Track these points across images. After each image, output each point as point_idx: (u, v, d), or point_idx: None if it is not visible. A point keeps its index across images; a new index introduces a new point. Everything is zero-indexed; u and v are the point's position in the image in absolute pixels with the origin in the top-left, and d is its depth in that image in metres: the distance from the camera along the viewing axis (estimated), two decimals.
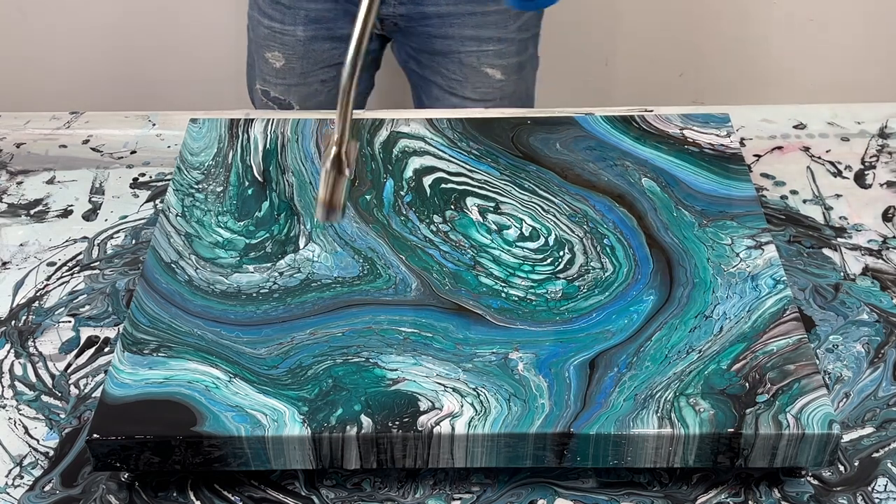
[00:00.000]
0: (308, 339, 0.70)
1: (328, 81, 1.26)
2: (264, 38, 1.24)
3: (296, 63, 1.24)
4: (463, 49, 1.21)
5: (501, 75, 1.23)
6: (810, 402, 0.65)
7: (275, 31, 1.22)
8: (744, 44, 1.78)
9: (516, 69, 1.25)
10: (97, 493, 0.69)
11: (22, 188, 0.94)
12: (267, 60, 1.25)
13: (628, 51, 1.80)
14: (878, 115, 1.01)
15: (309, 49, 1.23)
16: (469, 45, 1.20)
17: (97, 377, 0.77)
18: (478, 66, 1.22)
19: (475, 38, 1.20)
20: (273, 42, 1.23)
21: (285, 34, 1.22)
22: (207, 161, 0.86)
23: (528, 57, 1.26)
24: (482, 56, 1.21)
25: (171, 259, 0.77)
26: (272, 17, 1.21)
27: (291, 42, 1.22)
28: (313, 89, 1.26)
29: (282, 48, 1.23)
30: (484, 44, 1.21)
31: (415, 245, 0.78)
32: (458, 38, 1.20)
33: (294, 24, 1.21)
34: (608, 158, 0.86)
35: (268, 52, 1.24)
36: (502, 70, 1.23)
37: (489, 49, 1.21)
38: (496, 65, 1.22)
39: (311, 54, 1.23)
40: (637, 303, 0.73)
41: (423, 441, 0.65)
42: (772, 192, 0.92)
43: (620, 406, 0.65)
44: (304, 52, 1.23)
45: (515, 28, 1.22)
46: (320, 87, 1.26)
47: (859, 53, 1.79)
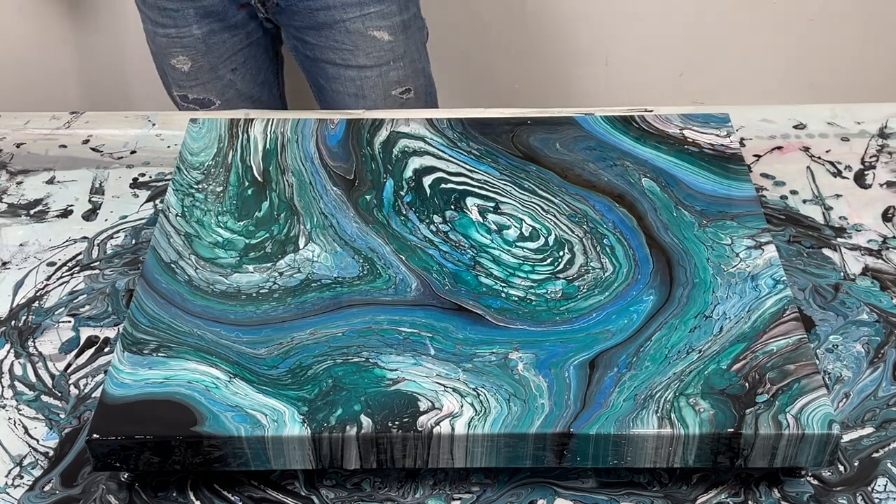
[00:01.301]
0: (308, 339, 0.70)
1: (238, 70, 1.29)
2: (165, 47, 1.26)
3: (202, 61, 1.26)
4: (347, 17, 1.24)
5: (389, 36, 1.27)
6: (810, 402, 0.65)
7: (171, 36, 1.24)
8: (744, 44, 1.78)
9: (402, 28, 1.28)
10: (97, 493, 0.69)
11: (22, 188, 0.94)
12: (174, 67, 1.27)
13: (628, 51, 1.80)
14: (878, 115, 1.01)
15: (209, 45, 1.25)
16: (352, 11, 1.24)
17: (97, 377, 0.77)
18: (364, 31, 1.25)
19: (356, 2, 1.24)
20: (174, 48, 1.25)
21: (183, 37, 1.24)
22: (207, 161, 0.86)
23: (410, 16, 1.30)
24: (366, 20, 1.25)
25: (171, 259, 0.77)
26: (165, 24, 1.24)
27: (191, 42, 1.25)
28: (227, 81, 1.28)
29: (184, 51, 1.25)
30: (366, 7, 1.24)
31: (415, 245, 0.78)
32: (339, 7, 1.24)
33: (188, 25, 1.24)
34: (608, 158, 0.86)
35: (172, 59, 1.26)
36: (388, 30, 1.27)
37: (371, 11, 1.25)
38: (382, 26, 1.26)
39: (213, 49, 1.26)
40: (637, 303, 0.73)
41: (423, 441, 0.65)
42: (772, 192, 0.92)
43: (620, 406, 0.65)
44: (206, 48, 1.25)
45: None
46: (232, 76, 1.28)
47: (859, 53, 1.79)
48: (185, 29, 1.24)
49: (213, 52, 1.26)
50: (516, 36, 1.80)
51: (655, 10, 1.75)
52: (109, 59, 1.72)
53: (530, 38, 1.80)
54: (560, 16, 1.75)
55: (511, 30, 1.79)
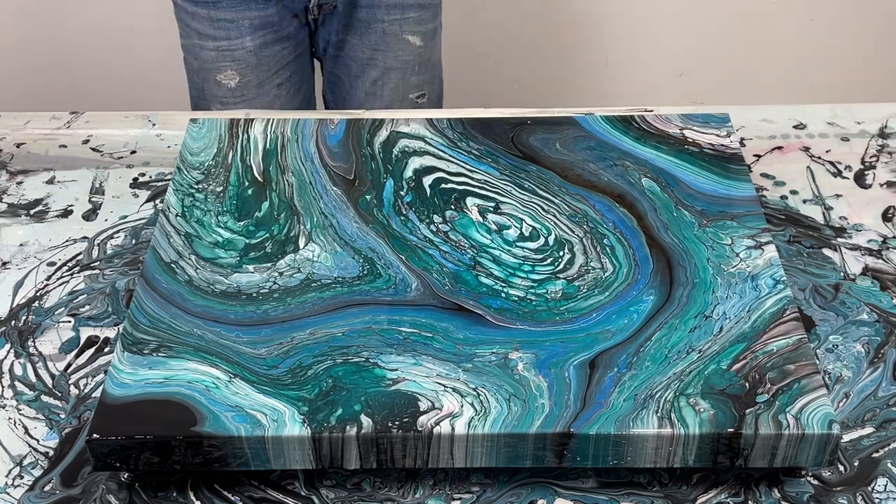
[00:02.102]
0: (308, 339, 0.70)
1: (284, 84, 1.28)
2: (213, 61, 1.25)
3: (251, 75, 1.25)
4: (387, 18, 1.25)
5: (420, 42, 1.28)
6: (810, 402, 0.65)
7: (222, 49, 1.23)
8: (744, 44, 1.78)
9: (432, 36, 1.30)
10: (97, 493, 0.69)
11: (22, 188, 0.94)
12: (220, 83, 1.26)
13: (628, 51, 1.80)
14: (878, 115, 1.01)
15: (260, 57, 1.24)
16: (393, 13, 1.24)
17: (97, 377, 0.77)
18: (400, 35, 1.26)
19: (399, 5, 1.24)
20: (223, 62, 1.24)
21: (234, 49, 1.23)
22: (207, 161, 0.86)
23: (439, 23, 1.31)
24: (405, 24, 1.26)
25: (171, 259, 0.77)
26: (216, 36, 1.23)
27: (242, 55, 1.24)
28: (272, 97, 1.27)
29: (234, 65, 1.24)
30: (407, 10, 1.25)
31: (415, 245, 0.78)
32: (382, 7, 1.24)
33: (241, 37, 1.23)
34: (608, 158, 0.86)
35: (219, 73, 1.25)
36: (421, 37, 1.28)
37: (411, 16, 1.25)
38: (416, 31, 1.27)
39: (263, 62, 1.25)
40: (637, 303, 0.73)
41: (423, 441, 0.65)
42: (772, 192, 0.92)
43: (620, 406, 0.65)
44: (257, 62, 1.25)
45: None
46: (277, 91, 1.27)
47: (859, 53, 1.79)
48: (238, 41, 1.23)
49: (262, 65, 1.25)
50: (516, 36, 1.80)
51: (655, 10, 1.75)
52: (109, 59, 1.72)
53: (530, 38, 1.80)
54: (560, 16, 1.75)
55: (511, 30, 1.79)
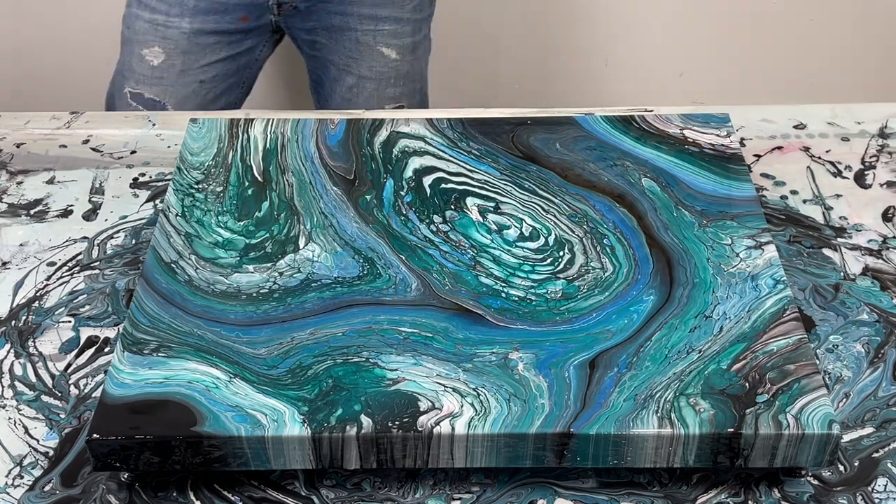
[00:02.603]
0: (308, 339, 0.70)
1: (206, 82, 1.25)
2: (143, 34, 1.22)
3: (176, 59, 1.22)
4: (360, 27, 1.24)
5: (396, 55, 1.27)
6: (810, 402, 0.65)
7: (157, 24, 1.20)
8: (744, 44, 1.78)
9: (411, 50, 1.28)
10: (97, 493, 0.69)
11: (22, 188, 0.94)
12: (143, 58, 1.22)
13: (628, 51, 1.80)
14: (878, 115, 1.01)
15: (192, 43, 1.21)
16: (366, 23, 1.23)
17: (97, 377, 0.77)
18: (373, 46, 1.25)
19: (372, 16, 1.23)
20: (153, 36, 1.21)
21: (169, 26, 1.20)
22: (207, 161, 0.86)
23: (421, 38, 1.29)
24: (378, 35, 1.25)
25: (171, 259, 0.77)
26: (156, 8, 1.20)
27: (174, 35, 1.21)
28: (191, 90, 1.24)
29: (162, 42, 1.21)
30: (380, 23, 1.24)
31: (415, 245, 0.78)
32: (355, 16, 1.23)
33: (180, 16, 1.20)
34: (608, 158, 0.86)
35: (145, 48, 1.22)
36: (397, 50, 1.26)
37: (385, 28, 1.24)
38: (391, 44, 1.26)
39: (193, 49, 1.22)
40: (637, 303, 0.73)
41: (423, 441, 0.65)
42: (772, 192, 0.92)
43: (620, 406, 0.65)
44: (187, 45, 1.22)
45: (411, 8, 1.25)
46: (198, 87, 1.25)
47: (859, 53, 1.79)
48: (176, 19, 1.20)
49: (192, 52, 1.22)
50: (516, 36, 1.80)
51: (655, 10, 1.75)
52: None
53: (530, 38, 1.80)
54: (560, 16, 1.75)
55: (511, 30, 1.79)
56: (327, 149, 0.87)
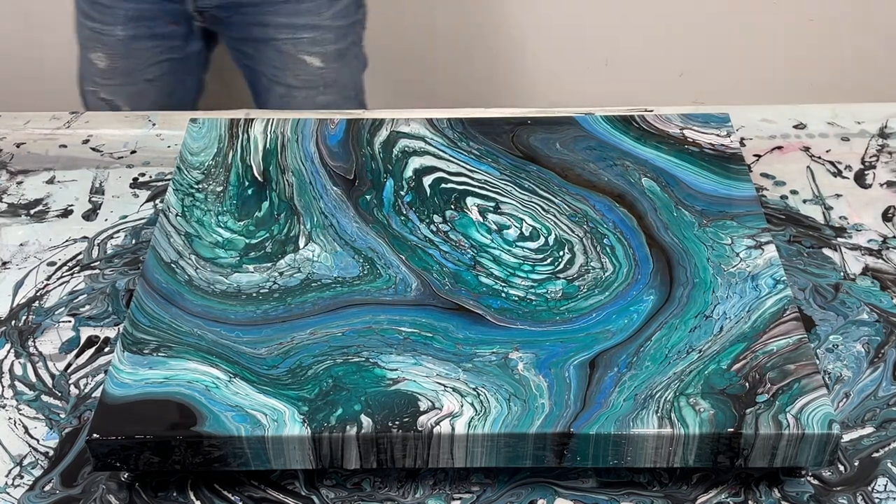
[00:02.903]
0: (308, 338, 0.70)
1: (154, 81, 1.27)
2: (87, 39, 1.24)
3: (119, 63, 1.24)
4: (279, 37, 1.24)
5: (320, 62, 1.26)
6: (810, 402, 0.65)
7: (96, 31, 1.23)
8: (744, 44, 1.78)
9: (335, 57, 1.27)
10: (97, 493, 0.69)
11: (22, 188, 0.94)
12: (92, 61, 1.25)
13: (628, 51, 1.80)
14: (878, 115, 1.01)
15: (130, 48, 1.23)
16: (284, 32, 1.23)
17: (97, 377, 0.77)
18: (295, 54, 1.25)
19: (290, 25, 1.23)
20: (96, 42, 1.24)
21: (105, 34, 1.23)
22: (207, 161, 0.86)
23: (348, 45, 1.28)
24: (298, 43, 1.24)
25: (171, 259, 0.77)
26: (93, 17, 1.22)
27: (112, 42, 1.23)
28: (140, 88, 1.26)
29: (104, 48, 1.23)
30: (299, 31, 1.23)
31: (415, 245, 0.78)
32: (273, 26, 1.23)
33: (114, 24, 1.22)
34: (608, 158, 0.86)
35: (91, 52, 1.25)
36: (321, 57, 1.26)
37: (304, 36, 1.24)
38: (313, 52, 1.25)
39: (133, 53, 1.24)
40: (637, 303, 0.73)
41: (423, 441, 0.65)
42: (772, 192, 0.92)
43: (620, 406, 0.65)
44: (126, 51, 1.24)
45: (330, 15, 1.25)
46: (147, 86, 1.26)
47: (859, 53, 1.79)
48: (110, 27, 1.22)
49: (132, 56, 1.24)
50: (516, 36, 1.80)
51: (655, 10, 1.75)
52: None
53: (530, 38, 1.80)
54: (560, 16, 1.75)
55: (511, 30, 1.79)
56: (327, 149, 0.87)
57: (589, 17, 1.75)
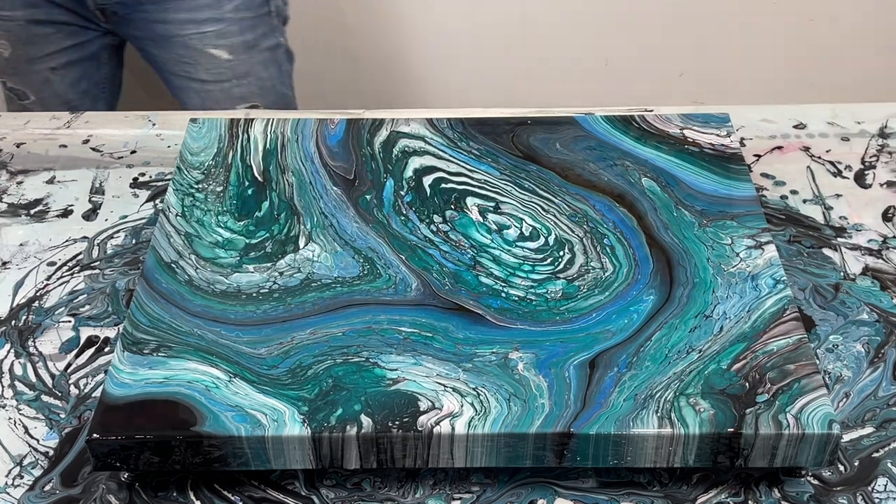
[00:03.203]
0: (308, 338, 0.70)
1: (58, 70, 1.26)
2: None
3: (20, 50, 1.24)
4: (184, 32, 1.24)
5: (228, 55, 1.26)
6: (810, 401, 0.65)
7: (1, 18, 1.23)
8: (744, 44, 1.78)
9: (244, 49, 1.27)
10: (97, 493, 0.69)
11: (22, 188, 0.94)
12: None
13: (628, 51, 1.80)
14: (878, 115, 1.01)
15: (31, 33, 1.23)
16: (188, 27, 1.23)
17: (97, 377, 0.77)
18: (202, 48, 1.25)
19: (192, 20, 1.23)
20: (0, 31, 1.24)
21: (6, 19, 1.23)
22: (207, 161, 0.86)
23: (257, 36, 1.28)
24: (204, 38, 1.24)
25: (171, 259, 0.77)
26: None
27: (13, 27, 1.23)
28: (44, 77, 1.26)
29: (6, 35, 1.23)
30: (202, 25, 1.23)
31: (415, 245, 0.78)
32: (176, 23, 1.23)
33: (13, 9, 1.22)
34: (608, 158, 0.86)
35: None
36: (227, 49, 1.26)
37: (209, 30, 1.24)
38: (220, 45, 1.25)
39: (34, 39, 1.24)
40: (637, 303, 0.73)
41: (423, 441, 0.65)
42: (772, 192, 0.92)
43: (620, 406, 0.65)
44: (27, 36, 1.23)
45: (232, 8, 1.25)
46: (51, 74, 1.26)
47: (859, 53, 1.79)
48: (9, 13, 1.22)
49: (33, 43, 1.24)
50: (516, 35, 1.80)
51: (655, 11, 1.75)
52: None
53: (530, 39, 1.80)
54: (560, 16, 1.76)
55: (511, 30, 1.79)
56: (327, 148, 0.87)
57: (589, 17, 1.75)
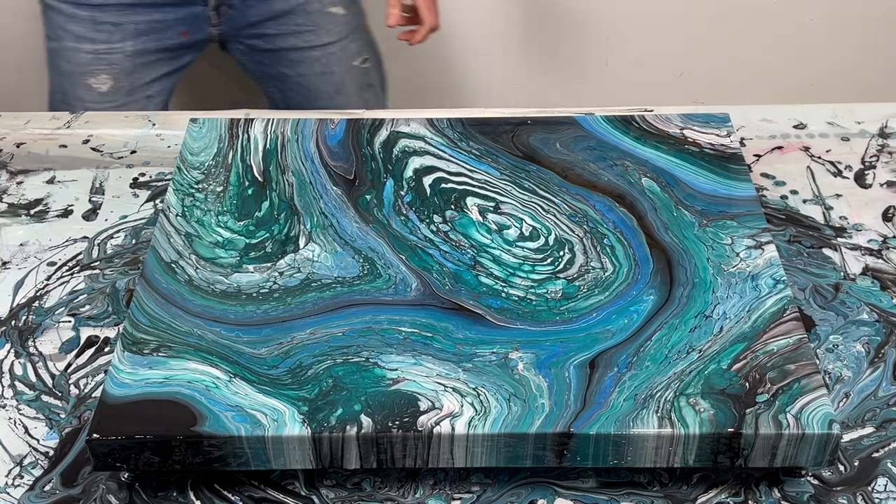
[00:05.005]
0: (308, 338, 0.70)
1: (153, 97, 1.28)
2: (87, 65, 1.24)
3: (124, 81, 1.25)
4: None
5: (343, 10, 1.32)
6: (810, 401, 0.65)
7: (100, 52, 1.23)
8: (744, 44, 1.78)
9: (351, 2, 1.33)
10: (97, 493, 0.69)
11: (22, 188, 0.94)
12: (90, 87, 1.25)
13: (628, 51, 1.80)
14: (878, 115, 1.01)
15: (135, 63, 1.25)
16: None
17: (97, 377, 0.77)
18: (322, 9, 1.30)
19: None
20: (98, 65, 1.24)
21: (112, 52, 1.23)
22: (207, 161, 0.86)
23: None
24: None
25: (171, 259, 0.77)
26: (96, 39, 1.23)
27: (119, 59, 1.24)
28: (140, 105, 1.28)
29: (109, 69, 1.24)
30: None
31: (415, 245, 0.78)
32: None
33: (122, 41, 1.23)
34: (608, 158, 0.86)
35: (91, 77, 1.25)
36: (342, 5, 1.31)
37: None
38: (336, 2, 1.30)
39: (137, 69, 1.25)
40: (637, 303, 0.73)
41: (423, 441, 0.65)
42: (772, 191, 0.92)
43: (620, 406, 0.65)
44: (132, 67, 1.25)
45: None
46: (146, 102, 1.28)
47: (859, 53, 1.79)
48: (118, 45, 1.23)
49: (137, 72, 1.25)
50: (516, 36, 1.80)
51: (655, 10, 1.75)
52: None
53: (530, 38, 1.80)
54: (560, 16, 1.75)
55: (511, 30, 1.79)
56: (327, 148, 0.87)
57: (589, 17, 1.75)
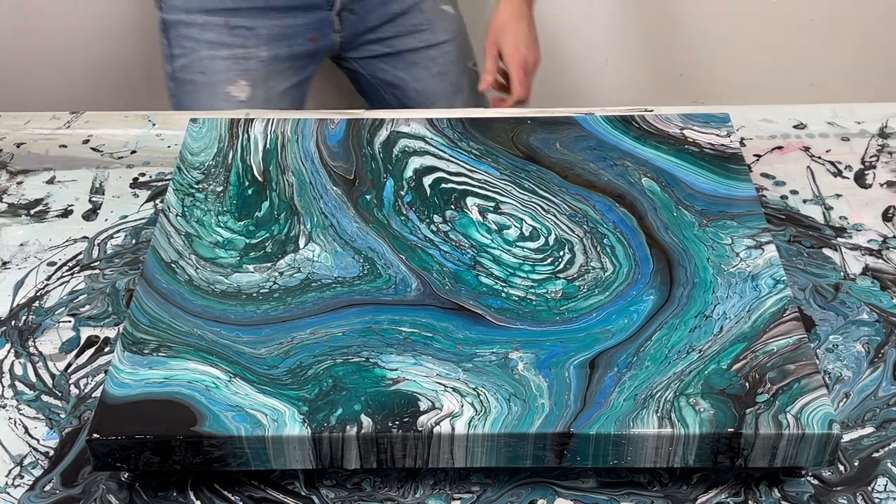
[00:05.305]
0: (308, 338, 0.70)
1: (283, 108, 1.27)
2: (225, 72, 1.22)
3: (260, 89, 1.23)
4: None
5: (453, 9, 1.33)
6: (810, 401, 0.65)
7: (238, 58, 1.21)
8: (744, 44, 1.78)
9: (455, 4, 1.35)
10: (97, 493, 0.69)
11: (22, 188, 0.94)
12: (229, 96, 1.23)
13: (628, 51, 1.80)
14: (878, 115, 1.01)
15: (269, 70, 1.23)
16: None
17: (97, 377, 0.77)
18: (436, 7, 1.30)
19: None
20: (235, 72, 1.22)
21: (249, 58, 1.21)
22: (207, 161, 0.86)
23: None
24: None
25: (171, 259, 0.77)
26: (232, 44, 1.21)
27: (255, 66, 1.22)
28: None
29: (246, 75, 1.22)
30: None
31: (415, 245, 0.78)
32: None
33: (257, 46, 1.21)
34: (608, 158, 0.86)
35: (230, 85, 1.23)
36: (451, 4, 1.32)
37: None
38: (448, 0, 1.32)
39: (271, 76, 1.23)
40: (637, 303, 0.73)
41: (423, 441, 0.65)
42: (772, 192, 0.92)
43: (620, 406, 0.65)
44: (267, 74, 1.23)
45: None
46: None
47: (859, 53, 1.79)
48: (254, 49, 1.21)
49: (271, 79, 1.23)
50: None
51: (655, 11, 1.75)
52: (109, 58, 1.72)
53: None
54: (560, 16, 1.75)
55: None
56: (327, 148, 0.87)
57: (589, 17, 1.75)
